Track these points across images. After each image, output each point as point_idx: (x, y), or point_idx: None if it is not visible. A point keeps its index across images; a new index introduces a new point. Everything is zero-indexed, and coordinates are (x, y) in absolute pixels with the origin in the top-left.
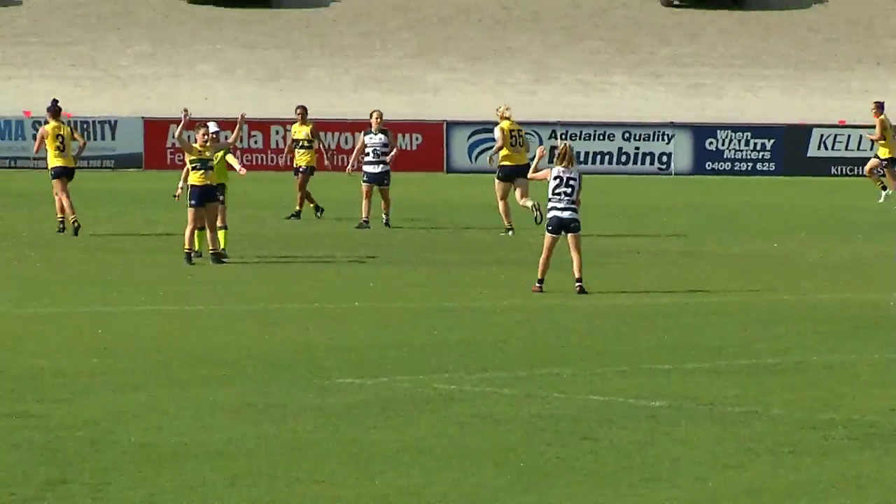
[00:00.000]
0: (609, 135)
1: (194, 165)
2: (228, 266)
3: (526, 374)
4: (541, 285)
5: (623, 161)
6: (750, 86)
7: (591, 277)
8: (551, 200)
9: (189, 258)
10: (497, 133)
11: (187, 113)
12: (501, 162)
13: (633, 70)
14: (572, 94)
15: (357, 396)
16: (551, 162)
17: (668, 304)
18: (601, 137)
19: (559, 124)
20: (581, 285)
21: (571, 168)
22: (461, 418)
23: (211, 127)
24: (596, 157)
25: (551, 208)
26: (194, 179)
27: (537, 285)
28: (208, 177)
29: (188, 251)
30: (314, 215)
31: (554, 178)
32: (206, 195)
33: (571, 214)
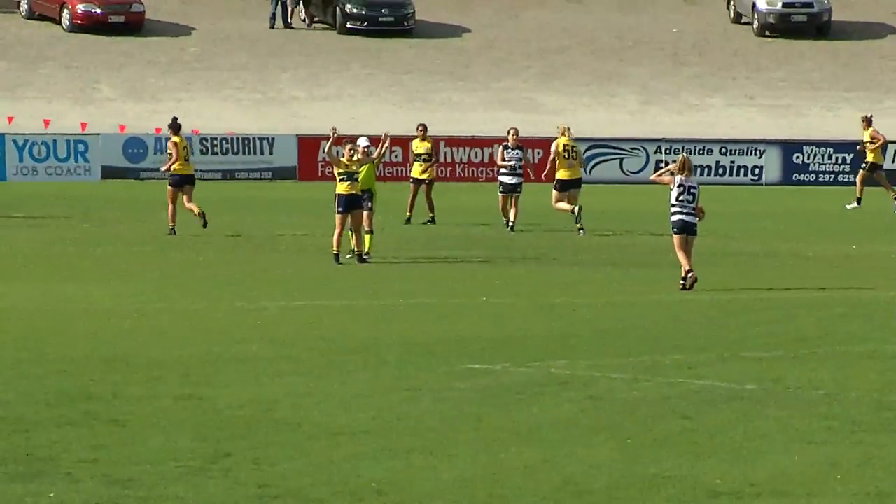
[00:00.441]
0: (708, 150)
1: (342, 177)
2: (370, 266)
3: (632, 361)
4: (692, 273)
5: (720, 173)
6: (831, 106)
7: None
8: (675, 206)
9: (337, 259)
10: (555, 147)
11: (335, 131)
12: (558, 175)
13: (729, 92)
14: (676, 114)
15: (482, 381)
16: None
17: (758, 300)
18: (700, 152)
19: (664, 140)
20: (694, 275)
21: (691, 178)
22: (574, 400)
23: (362, 142)
24: (696, 170)
25: (675, 213)
26: (341, 189)
27: (691, 274)
28: (353, 186)
29: (336, 253)
30: (425, 222)
31: (677, 187)
32: (352, 203)
33: (693, 219)
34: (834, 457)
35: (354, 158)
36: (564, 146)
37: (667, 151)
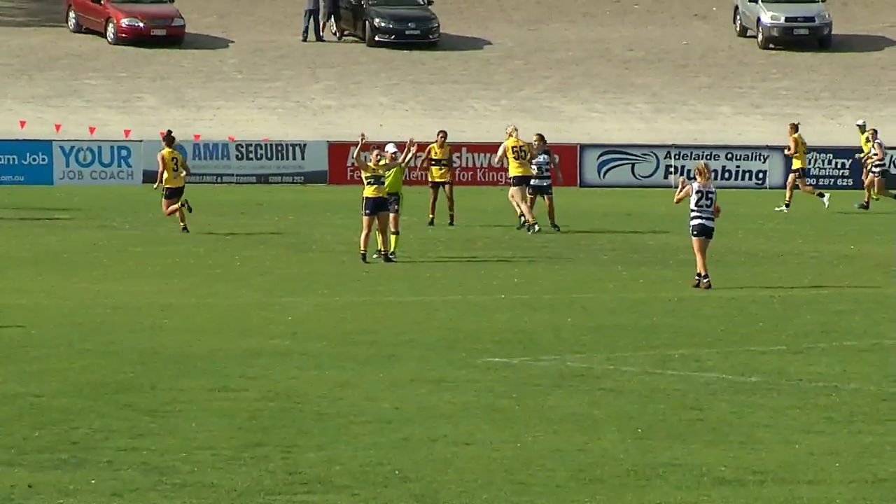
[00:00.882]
0: (715, 155)
1: (369, 181)
2: (396, 265)
3: (643, 355)
4: (707, 279)
5: (726, 177)
6: (832, 115)
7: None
8: (694, 211)
9: (364, 258)
10: (501, 150)
11: (364, 137)
12: (513, 173)
13: (736, 101)
14: (685, 122)
15: (501, 374)
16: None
17: (762, 297)
18: (708, 157)
19: (674, 146)
20: (709, 281)
21: (709, 183)
22: (588, 392)
23: (389, 148)
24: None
25: (695, 217)
26: (369, 192)
27: (705, 280)
28: (380, 190)
29: (363, 253)
30: (447, 223)
31: (696, 193)
32: (379, 206)
33: (711, 223)
34: (833, 446)
35: (381, 163)
36: (513, 147)
37: (676, 157)
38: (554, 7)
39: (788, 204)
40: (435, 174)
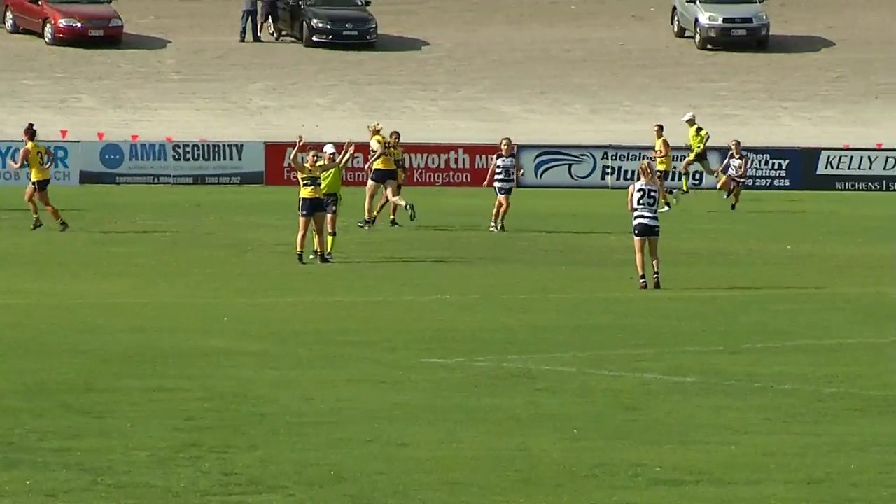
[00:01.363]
0: (652, 156)
1: (305, 182)
2: (333, 266)
3: (580, 355)
4: (644, 280)
5: (666, 177)
6: (771, 115)
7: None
8: (637, 209)
9: (301, 259)
10: (374, 145)
11: (301, 138)
12: (376, 166)
13: (674, 102)
14: (623, 122)
15: (438, 374)
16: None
17: (702, 297)
18: (645, 158)
19: (610, 147)
20: (658, 279)
21: (653, 182)
22: (526, 392)
23: (328, 149)
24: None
25: (637, 216)
26: (305, 193)
27: (641, 281)
28: (316, 191)
29: (300, 254)
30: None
31: (638, 191)
32: (315, 206)
33: (654, 221)
34: (770, 446)
35: (319, 164)
36: (378, 142)
37: (613, 158)
38: (492, 8)
39: (668, 204)
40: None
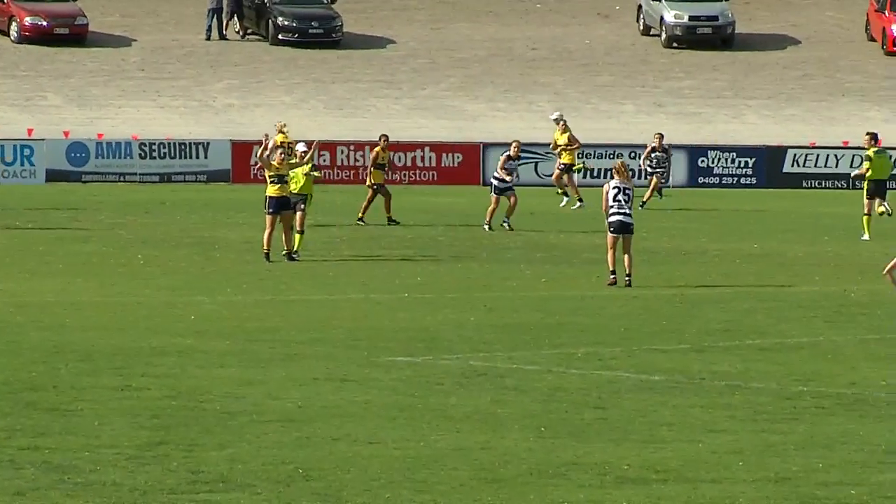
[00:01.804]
0: (618, 153)
1: (272, 180)
2: (300, 264)
3: (547, 353)
4: (615, 276)
5: (631, 175)
6: (736, 113)
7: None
8: (613, 207)
9: (267, 257)
10: (270, 142)
11: (267, 137)
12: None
13: (639, 100)
14: (588, 120)
15: (405, 372)
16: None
17: (667, 295)
18: (611, 156)
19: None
20: (629, 280)
21: (628, 181)
22: (492, 390)
23: (300, 147)
24: (607, 173)
25: (613, 213)
26: (272, 191)
27: (612, 277)
28: (283, 189)
29: (266, 252)
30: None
31: (613, 188)
32: (282, 205)
33: (629, 219)
34: (736, 444)
35: (286, 162)
36: (282, 142)
37: (579, 155)
38: (457, 7)
39: (566, 193)
40: (378, 177)
